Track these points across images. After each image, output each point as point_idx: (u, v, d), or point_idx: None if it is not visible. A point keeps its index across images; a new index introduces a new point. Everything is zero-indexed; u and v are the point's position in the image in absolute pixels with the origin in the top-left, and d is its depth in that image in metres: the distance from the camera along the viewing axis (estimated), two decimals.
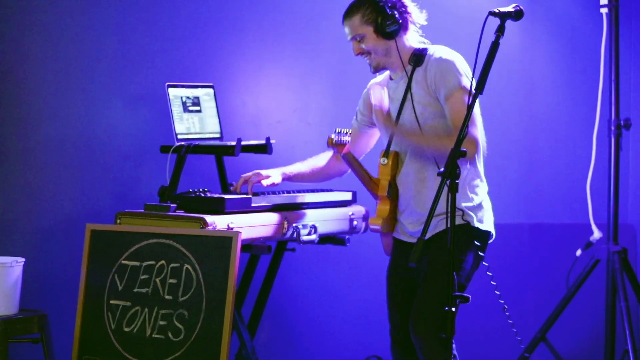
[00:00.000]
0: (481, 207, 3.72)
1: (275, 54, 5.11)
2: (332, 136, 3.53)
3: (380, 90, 3.78)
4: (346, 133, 3.57)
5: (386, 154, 3.72)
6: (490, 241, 3.77)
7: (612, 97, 4.72)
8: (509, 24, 3.25)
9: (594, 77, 4.82)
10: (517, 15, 3.27)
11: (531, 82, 5.47)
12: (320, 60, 5.17)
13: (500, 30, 3.21)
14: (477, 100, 3.65)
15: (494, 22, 3.23)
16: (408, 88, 3.71)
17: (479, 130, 3.64)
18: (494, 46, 3.19)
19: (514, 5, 3.28)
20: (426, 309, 3.54)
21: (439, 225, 3.65)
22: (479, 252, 3.68)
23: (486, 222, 3.72)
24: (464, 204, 3.66)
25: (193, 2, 4.95)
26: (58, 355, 4.43)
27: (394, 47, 3.72)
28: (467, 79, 3.61)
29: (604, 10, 4.71)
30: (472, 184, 3.72)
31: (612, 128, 4.70)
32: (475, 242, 3.67)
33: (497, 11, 3.25)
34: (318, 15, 5.13)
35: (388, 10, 3.68)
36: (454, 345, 3.61)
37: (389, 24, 3.68)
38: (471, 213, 3.67)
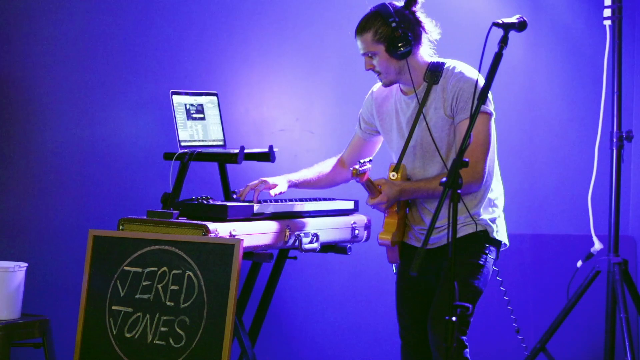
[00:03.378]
0: (499, 219, 3.79)
1: (279, 63, 5.12)
2: (357, 167, 3.48)
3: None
4: (366, 162, 3.55)
5: (396, 168, 3.71)
6: (503, 249, 3.81)
7: (614, 108, 4.72)
8: (512, 35, 3.26)
9: (596, 89, 4.83)
10: (520, 26, 3.28)
11: (534, 93, 5.48)
12: (323, 68, 5.18)
13: (504, 41, 3.21)
14: (494, 125, 3.67)
15: (498, 33, 3.24)
16: (422, 105, 3.70)
17: (489, 159, 3.67)
18: (497, 57, 3.19)
19: (517, 16, 3.29)
20: (445, 309, 3.53)
21: (460, 231, 3.67)
22: (493, 262, 3.74)
23: (501, 232, 3.79)
24: (484, 216, 3.72)
25: (198, 10, 4.96)
26: None
27: (406, 66, 3.68)
28: (491, 103, 3.64)
29: (607, 23, 4.72)
30: (493, 198, 3.78)
31: (614, 140, 4.71)
32: (491, 251, 3.72)
33: (500, 22, 3.26)
34: (322, 24, 5.15)
35: (400, 30, 3.63)
36: (467, 350, 3.63)
37: (401, 45, 3.63)
38: (491, 224, 3.73)
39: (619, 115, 4.72)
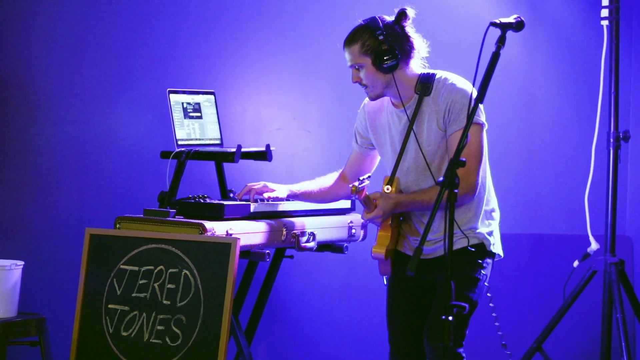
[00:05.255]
0: (496, 232, 3.78)
1: (276, 62, 5.12)
2: (356, 184, 3.46)
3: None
4: (365, 179, 3.54)
5: (390, 181, 3.70)
6: (497, 260, 3.81)
7: (611, 109, 4.72)
8: (509, 34, 3.25)
9: (593, 89, 4.83)
10: (518, 26, 3.28)
11: (531, 93, 5.49)
12: (320, 68, 5.18)
13: (501, 41, 3.21)
14: (486, 136, 3.67)
15: (495, 32, 3.24)
16: (414, 119, 3.69)
17: (482, 169, 3.66)
18: (495, 57, 3.19)
19: (515, 16, 3.29)
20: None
21: (455, 244, 3.66)
22: (487, 276, 3.75)
23: (497, 245, 3.78)
24: (482, 229, 3.71)
25: (195, 9, 4.96)
26: (56, 358, 4.44)
27: (393, 80, 3.66)
28: (482, 113, 3.63)
29: (604, 23, 4.72)
30: (490, 211, 3.77)
31: (611, 140, 4.71)
32: (487, 264, 3.73)
33: (498, 22, 3.25)
34: (319, 24, 5.15)
35: (387, 44, 3.61)
36: (463, 355, 3.63)
37: (387, 59, 3.61)
38: (488, 237, 3.72)
39: (616, 115, 4.73)
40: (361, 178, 3.49)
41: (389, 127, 3.79)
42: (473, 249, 3.67)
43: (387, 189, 3.66)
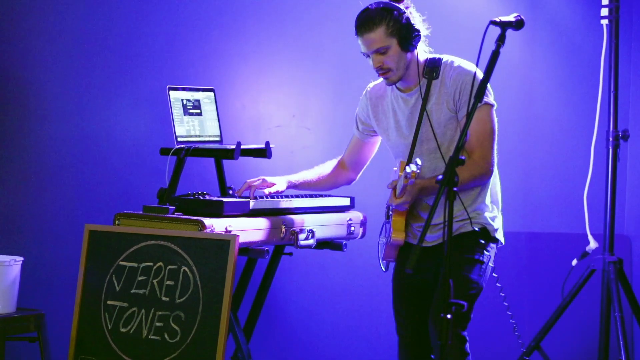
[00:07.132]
0: (499, 217, 3.80)
1: (276, 59, 5.12)
2: (414, 168, 3.43)
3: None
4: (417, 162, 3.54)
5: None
6: (499, 246, 3.82)
7: (610, 108, 4.73)
8: (509, 33, 3.26)
9: (593, 88, 4.83)
10: (518, 24, 3.28)
11: (530, 91, 5.49)
12: (320, 65, 5.18)
13: (501, 40, 3.21)
14: (495, 115, 3.69)
15: (495, 31, 3.24)
16: (425, 101, 3.70)
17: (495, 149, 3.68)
18: (495, 55, 3.19)
19: (515, 14, 3.29)
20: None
21: (459, 227, 3.68)
22: (491, 259, 3.76)
23: (500, 230, 3.80)
24: (486, 214, 3.72)
25: (194, 5, 4.96)
26: (54, 354, 4.44)
27: (413, 60, 3.68)
28: (490, 94, 3.65)
29: (604, 22, 4.72)
30: (494, 195, 3.79)
31: (610, 139, 4.72)
32: (491, 249, 3.74)
33: (498, 20, 3.25)
34: (319, 20, 5.15)
35: (411, 22, 3.63)
36: (467, 345, 3.63)
37: (415, 36, 3.63)
38: (492, 222, 3.73)
39: (616, 114, 4.73)
40: (419, 162, 3.46)
41: (393, 112, 3.80)
42: (477, 230, 3.68)
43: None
